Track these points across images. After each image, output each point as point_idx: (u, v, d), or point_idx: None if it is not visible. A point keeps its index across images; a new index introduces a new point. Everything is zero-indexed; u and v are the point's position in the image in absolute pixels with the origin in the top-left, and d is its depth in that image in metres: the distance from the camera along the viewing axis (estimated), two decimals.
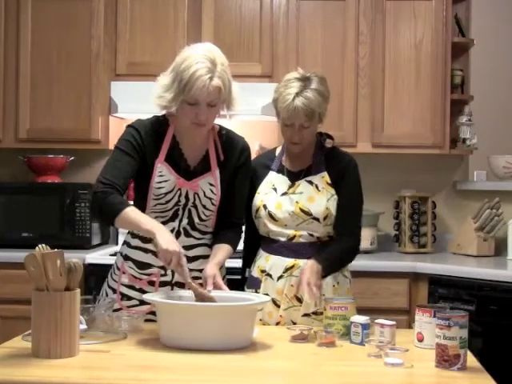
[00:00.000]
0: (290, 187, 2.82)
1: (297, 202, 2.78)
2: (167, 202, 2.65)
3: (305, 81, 2.75)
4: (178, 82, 2.52)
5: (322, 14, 4.25)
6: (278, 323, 2.78)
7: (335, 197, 2.79)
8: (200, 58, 2.52)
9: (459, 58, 4.47)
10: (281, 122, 2.79)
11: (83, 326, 2.32)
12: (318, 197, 2.78)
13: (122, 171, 2.60)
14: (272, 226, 2.80)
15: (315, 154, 2.85)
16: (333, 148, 2.88)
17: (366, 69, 4.24)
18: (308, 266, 2.64)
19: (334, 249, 2.77)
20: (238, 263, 3.02)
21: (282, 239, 2.79)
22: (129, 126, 2.69)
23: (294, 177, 2.84)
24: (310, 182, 2.81)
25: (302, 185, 2.81)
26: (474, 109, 4.48)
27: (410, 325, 3.18)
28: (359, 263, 2.93)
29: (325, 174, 2.81)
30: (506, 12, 5.48)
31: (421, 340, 2.35)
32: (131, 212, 2.50)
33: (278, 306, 2.78)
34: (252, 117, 4.26)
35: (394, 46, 4.24)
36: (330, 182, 2.80)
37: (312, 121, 2.75)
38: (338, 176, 2.81)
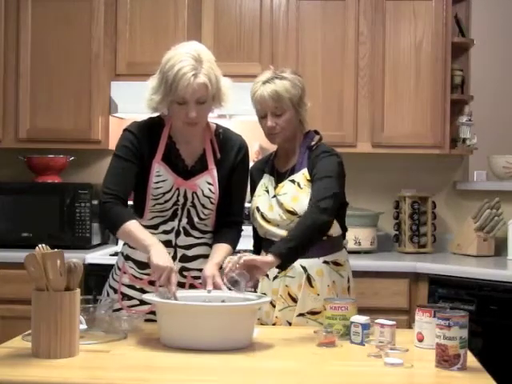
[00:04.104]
0: (275, 189, 2.83)
1: (282, 204, 2.78)
2: (166, 201, 2.65)
3: (273, 73, 2.81)
4: (165, 82, 2.53)
5: (321, 14, 4.26)
6: (274, 324, 2.78)
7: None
8: (184, 56, 2.52)
9: (459, 58, 4.47)
10: (258, 117, 2.84)
11: (83, 326, 2.32)
12: (301, 195, 2.77)
13: (123, 178, 2.62)
14: (267, 227, 2.81)
15: (300, 152, 2.85)
16: (317, 145, 2.85)
17: (366, 69, 4.24)
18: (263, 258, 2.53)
19: (294, 232, 2.61)
20: None
21: (276, 239, 2.79)
22: (124, 130, 2.70)
23: (281, 177, 2.85)
24: (293, 181, 2.81)
25: (286, 185, 2.81)
26: (474, 109, 4.48)
27: (410, 325, 3.18)
28: (359, 263, 2.93)
29: (305, 170, 2.80)
30: (506, 12, 5.48)
31: (421, 340, 2.35)
32: (131, 226, 2.53)
33: (275, 306, 2.78)
34: (252, 117, 4.22)
35: (394, 46, 4.24)
36: (309, 178, 2.78)
37: (281, 106, 2.76)
38: (312, 165, 2.78)
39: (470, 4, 4.55)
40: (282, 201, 2.78)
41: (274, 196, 2.82)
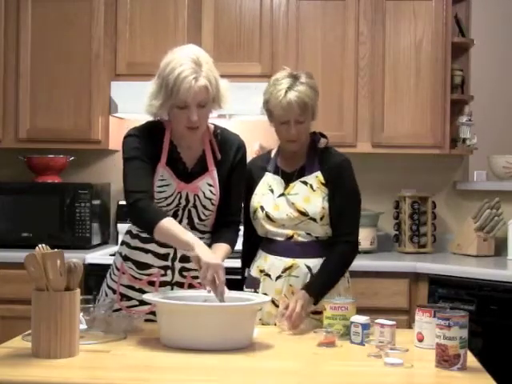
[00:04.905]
0: (284, 188, 2.82)
1: (293, 204, 2.78)
2: (168, 204, 2.65)
3: (293, 77, 2.77)
4: (165, 87, 2.53)
5: (321, 14, 4.25)
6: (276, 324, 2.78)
7: (330, 196, 2.80)
8: (183, 60, 2.52)
9: (459, 58, 4.47)
10: (275, 121, 2.79)
11: (83, 326, 2.33)
12: (314, 197, 2.78)
13: (145, 177, 2.60)
14: (270, 227, 2.81)
15: (308, 153, 2.84)
16: (326, 147, 2.87)
17: (366, 69, 4.24)
18: (298, 297, 2.63)
19: (327, 269, 2.74)
20: (237, 263, 3.01)
21: (280, 239, 2.80)
22: (127, 136, 2.68)
23: (288, 177, 2.84)
24: (305, 183, 2.80)
25: (297, 185, 2.81)
26: (474, 109, 4.48)
27: (410, 325, 3.18)
28: (359, 263, 2.93)
29: (319, 173, 2.80)
30: (506, 12, 5.48)
31: (421, 340, 2.35)
32: (168, 223, 2.50)
33: (277, 306, 2.77)
34: (252, 117, 4.26)
35: (394, 46, 4.24)
36: (323, 181, 2.79)
37: (306, 114, 2.75)
38: (331, 176, 2.79)
39: (469, 4, 4.55)
40: (294, 200, 2.78)
41: (281, 195, 2.81)
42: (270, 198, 2.82)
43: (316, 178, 2.80)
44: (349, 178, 2.83)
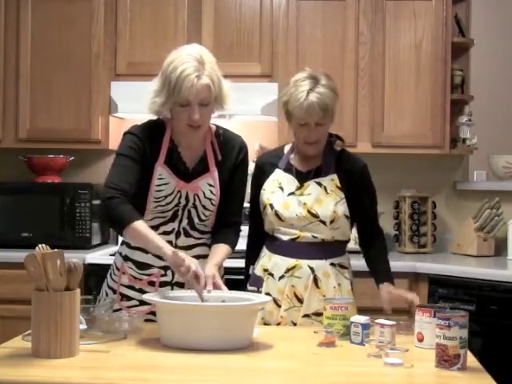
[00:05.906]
0: (298, 188, 2.80)
1: (305, 204, 2.77)
2: (167, 204, 2.65)
3: (314, 78, 2.74)
4: (168, 85, 2.53)
5: (321, 14, 4.26)
6: (278, 324, 2.78)
7: (344, 200, 2.78)
8: (186, 58, 2.52)
9: (459, 58, 4.48)
10: (294, 122, 2.76)
11: (83, 326, 2.32)
12: (326, 200, 2.77)
13: (128, 176, 2.59)
14: (278, 225, 2.80)
15: (325, 155, 2.83)
16: (343, 150, 2.87)
17: (366, 69, 4.24)
18: (390, 290, 2.78)
19: (385, 260, 2.89)
20: (237, 263, 3.02)
21: (285, 238, 2.79)
22: (126, 133, 2.68)
23: (302, 177, 2.82)
24: (319, 184, 2.79)
25: (311, 186, 2.79)
26: (474, 109, 4.48)
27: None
28: (359, 263, 2.93)
29: (335, 176, 2.80)
30: (506, 12, 5.48)
31: (421, 340, 2.35)
32: (143, 226, 2.50)
33: (279, 306, 2.77)
34: (252, 117, 4.26)
35: (394, 46, 4.24)
36: (339, 185, 2.79)
37: (326, 117, 2.73)
38: (352, 180, 2.80)
39: (469, 4, 4.56)
40: (306, 201, 2.77)
41: (292, 194, 2.80)
42: (280, 196, 2.81)
43: (332, 180, 2.79)
44: (371, 181, 2.90)
